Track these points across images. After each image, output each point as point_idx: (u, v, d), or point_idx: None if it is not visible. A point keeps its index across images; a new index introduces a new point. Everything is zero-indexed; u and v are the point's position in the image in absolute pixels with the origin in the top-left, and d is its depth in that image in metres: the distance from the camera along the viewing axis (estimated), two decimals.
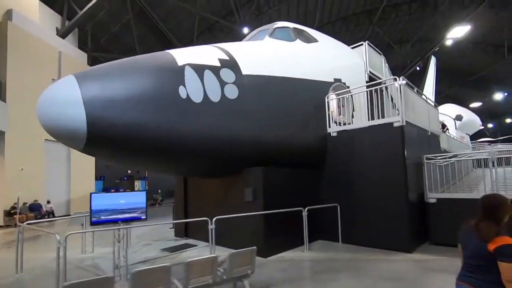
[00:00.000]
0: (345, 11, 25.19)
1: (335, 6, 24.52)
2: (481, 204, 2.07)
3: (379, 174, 6.26)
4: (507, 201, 1.99)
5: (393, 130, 6.04)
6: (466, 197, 6.00)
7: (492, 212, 1.96)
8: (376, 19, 25.63)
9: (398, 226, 6.00)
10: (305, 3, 23.21)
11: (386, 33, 27.92)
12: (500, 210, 1.95)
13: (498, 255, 1.77)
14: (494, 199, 2.03)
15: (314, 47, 7.59)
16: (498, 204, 1.97)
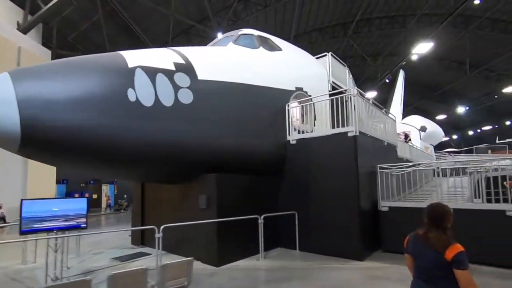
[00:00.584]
0: (320, 22, 25.99)
1: (311, 17, 25.22)
2: (426, 213, 2.12)
3: (334, 182, 6.38)
4: (450, 210, 2.07)
5: (347, 140, 6.20)
6: (415, 206, 6.24)
7: (438, 221, 2.00)
8: (350, 32, 26.65)
9: (350, 234, 6.11)
10: (283, 12, 23.67)
11: (359, 45, 29.10)
12: (445, 218, 2.01)
13: (455, 263, 1.80)
14: (439, 208, 2.08)
15: (277, 55, 7.68)
16: (443, 213, 2.04)
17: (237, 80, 6.35)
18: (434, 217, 2.05)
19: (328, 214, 6.47)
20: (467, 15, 25.14)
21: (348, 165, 6.18)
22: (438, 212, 2.06)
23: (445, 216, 2.02)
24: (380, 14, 25.90)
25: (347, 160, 6.19)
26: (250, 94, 6.49)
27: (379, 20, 26.48)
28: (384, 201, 6.62)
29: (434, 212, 2.08)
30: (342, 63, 9.76)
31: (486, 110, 34.46)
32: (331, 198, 6.42)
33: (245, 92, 6.40)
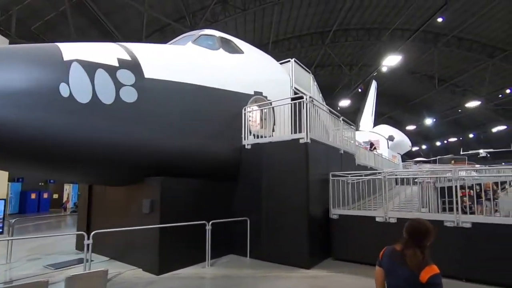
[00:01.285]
0: (299, 30, 26.38)
1: (290, 24, 25.55)
2: (406, 229, 1.99)
3: (285, 189, 6.31)
4: (432, 228, 1.96)
5: (299, 147, 6.16)
6: (364, 215, 6.29)
7: (419, 239, 1.89)
8: (328, 41, 27.26)
9: (299, 241, 6.05)
10: (262, 16, 23.78)
11: (337, 55, 29.85)
12: (427, 237, 1.90)
13: (429, 286, 1.72)
14: (420, 225, 1.96)
15: (238, 58, 7.57)
16: (425, 231, 1.92)
17: (190, 81, 6.14)
18: (414, 234, 1.93)
19: (279, 221, 6.38)
20: (436, 32, 26.62)
21: (299, 171, 6.14)
22: (419, 229, 1.94)
23: (426, 234, 1.92)
24: (356, 25, 26.78)
25: (298, 167, 6.15)
26: (203, 96, 6.30)
27: (355, 32, 27.36)
28: (335, 209, 6.64)
29: (415, 228, 1.95)
30: (307, 70, 9.83)
31: (452, 123, 36.50)
32: (282, 205, 6.34)
33: (198, 94, 6.20)
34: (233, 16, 22.25)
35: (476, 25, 24.42)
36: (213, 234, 6.11)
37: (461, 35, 26.03)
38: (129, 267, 6.09)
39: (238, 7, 21.69)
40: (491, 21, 23.79)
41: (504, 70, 27.57)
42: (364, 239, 6.24)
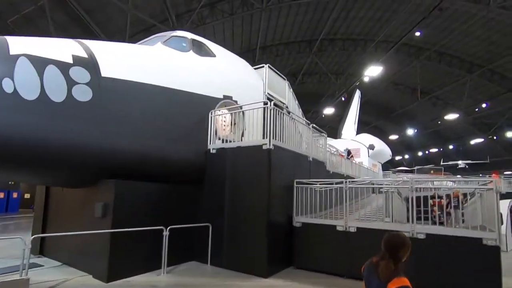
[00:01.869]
0: (287, 37, 26.67)
1: (278, 31, 25.81)
2: (384, 241, 2.04)
3: (247, 195, 6.21)
4: (409, 242, 2.00)
5: (262, 153, 6.08)
6: (326, 223, 6.24)
7: (394, 251, 1.94)
8: (315, 49, 27.65)
9: (258, 249, 5.93)
10: (250, 22, 23.92)
11: (324, 63, 30.30)
12: (402, 249, 1.94)
13: None
14: (397, 238, 2.01)
15: (208, 61, 7.48)
16: (401, 243, 1.97)
17: (154, 82, 6.00)
18: (389, 246, 1.98)
19: (240, 228, 6.25)
20: (418, 46, 27.47)
21: (261, 178, 6.06)
22: (395, 242, 1.99)
23: (401, 247, 1.95)
24: (343, 36, 27.33)
25: (260, 173, 6.07)
26: (167, 97, 6.16)
27: (342, 42, 27.89)
28: (298, 217, 6.57)
29: (391, 241, 2.01)
30: (282, 77, 9.84)
31: (433, 134, 37.53)
32: (243, 211, 6.23)
33: (161, 95, 6.06)
34: (221, 20, 22.30)
35: (455, 41, 25.34)
36: (175, 240, 5.93)
37: (442, 50, 26.93)
38: (80, 273, 5.81)
39: (226, 11, 21.76)
40: (469, 38, 24.74)
41: (482, 85, 28.64)
42: (325, 248, 6.20)
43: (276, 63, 31.89)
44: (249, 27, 24.28)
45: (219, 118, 7.55)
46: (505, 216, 9.55)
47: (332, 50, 28.35)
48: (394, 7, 22.99)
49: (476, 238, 4.79)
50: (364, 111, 39.24)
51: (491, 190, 5.20)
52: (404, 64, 29.38)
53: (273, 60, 30.39)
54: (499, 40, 24.10)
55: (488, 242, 4.66)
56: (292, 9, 23.45)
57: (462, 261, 4.92)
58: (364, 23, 25.40)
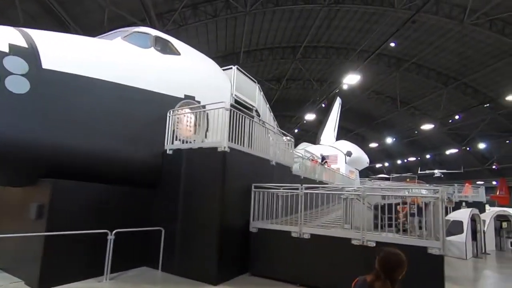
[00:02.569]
0: (271, 42, 26.78)
1: (263, 35, 25.90)
2: (379, 259, 1.92)
3: (201, 199, 6.00)
4: (404, 260, 1.90)
5: (217, 155, 5.89)
6: (281, 229, 6.09)
7: (391, 271, 1.84)
8: (299, 56, 27.91)
9: (209, 255, 5.70)
10: (234, 25, 23.86)
11: (308, 70, 30.62)
12: (399, 269, 1.85)
13: None
14: (394, 257, 1.90)
15: (171, 59, 7.26)
16: (399, 263, 1.87)
17: (106, 78, 5.72)
18: (385, 265, 1.88)
19: (192, 233, 6.01)
20: (398, 57, 28.29)
21: (215, 181, 5.86)
22: (393, 261, 1.89)
23: (397, 267, 1.87)
24: (326, 44, 27.76)
25: (215, 176, 5.88)
26: (120, 94, 5.89)
27: (325, 49, 28.32)
28: (255, 222, 6.39)
29: (386, 260, 1.90)
30: (252, 79, 9.74)
31: (412, 143, 38.62)
32: (196, 215, 6.01)
33: (113, 92, 5.79)
34: (204, 21, 22.11)
35: (433, 55, 26.28)
36: (124, 245, 5.64)
37: (420, 63, 27.86)
38: (14, 279, 5.37)
39: (209, 13, 21.60)
40: (445, 53, 25.71)
41: (457, 98, 29.78)
42: (280, 254, 6.05)
43: (261, 67, 32.00)
44: (233, 30, 24.22)
45: (184, 119, 7.32)
46: (465, 225, 9.78)
47: (315, 57, 28.72)
48: (375, 18, 23.60)
49: (421, 247, 4.77)
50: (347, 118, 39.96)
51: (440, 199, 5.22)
52: (385, 74, 30.18)
53: (257, 64, 30.47)
54: (472, 56, 25.20)
55: (432, 251, 4.64)
56: (276, 15, 23.60)
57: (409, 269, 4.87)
58: (347, 33, 25.90)
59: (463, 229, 9.69)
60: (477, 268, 8.92)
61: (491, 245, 11.59)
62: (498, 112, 28.47)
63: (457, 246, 9.61)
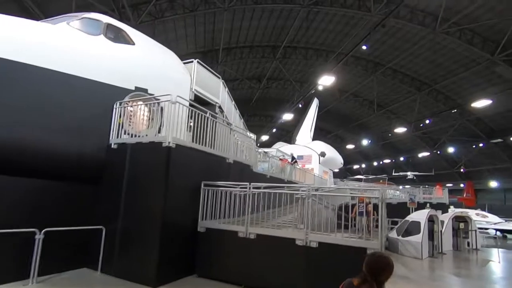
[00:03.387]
0: (251, 40, 26.58)
1: (242, 33, 25.68)
2: (366, 262, 1.95)
3: (144, 196, 5.68)
4: (391, 263, 1.92)
5: (161, 150, 5.60)
6: (229, 229, 5.90)
7: (377, 274, 1.87)
8: (279, 56, 27.90)
9: (149, 256, 5.41)
10: (213, 21, 23.44)
11: (288, 70, 30.70)
12: (385, 272, 1.88)
13: None
14: (382, 260, 1.93)
15: (123, 48, 6.87)
16: (385, 266, 1.89)
17: (40, 64, 5.27)
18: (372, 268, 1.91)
19: (134, 232, 5.71)
20: (375, 62, 28.97)
21: (158, 177, 5.57)
22: (379, 264, 1.92)
23: (384, 269, 1.90)
24: (306, 45, 27.93)
25: (158, 172, 5.59)
26: (58, 83, 5.46)
27: (305, 50, 28.49)
28: (203, 221, 6.16)
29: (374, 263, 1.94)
30: (216, 75, 9.47)
31: (388, 146, 39.79)
32: (139, 214, 5.70)
33: (49, 80, 5.36)
34: (181, 15, 21.55)
35: (407, 61, 27.11)
36: (60, 245, 5.25)
37: (395, 68, 28.66)
38: None
39: (187, 7, 21.07)
40: (419, 59, 26.60)
41: (430, 103, 30.92)
42: (227, 255, 5.86)
43: (241, 65, 31.75)
44: (212, 26, 23.78)
45: (138, 112, 6.94)
46: (422, 225, 10.04)
47: (295, 57, 28.84)
48: (353, 22, 23.98)
49: (361, 248, 4.73)
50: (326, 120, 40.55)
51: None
52: (363, 78, 30.85)
53: (237, 62, 30.19)
54: (443, 63, 26.23)
55: (370, 251, 4.60)
56: (256, 13, 23.42)
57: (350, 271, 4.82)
58: (326, 35, 26.18)
59: (420, 230, 9.94)
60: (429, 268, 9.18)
61: (449, 245, 12.02)
62: (466, 118, 29.84)
63: (414, 246, 9.85)
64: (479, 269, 9.86)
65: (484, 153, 32.21)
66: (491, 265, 10.26)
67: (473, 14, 20.49)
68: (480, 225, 18.18)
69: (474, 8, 19.77)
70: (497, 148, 30.66)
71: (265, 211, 6.81)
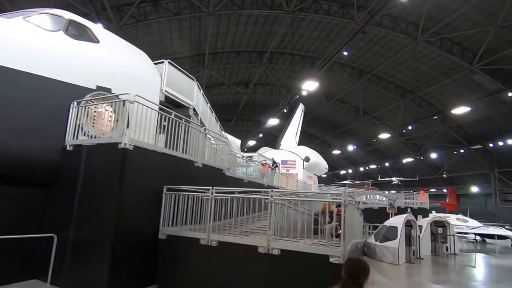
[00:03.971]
0: (237, 46, 26.59)
1: (229, 38, 25.68)
2: (345, 268, 2.05)
3: (98, 201, 5.33)
4: (368, 267, 2.04)
5: (117, 152, 5.28)
6: (191, 236, 5.59)
7: (356, 278, 1.98)
8: (265, 61, 27.98)
9: (101, 265, 5.02)
10: (199, 26, 23.33)
11: (275, 76, 30.83)
12: (363, 275, 1.99)
13: None
14: (359, 264, 2.05)
15: (85, 46, 6.55)
16: (363, 269, 2.02)
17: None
18: (350, 272, 2.02)
19: (87, 240, 5.32)
20: (360, 69, 29.44)
21: (113, 182, 5.24)
22: (357, 268, 2.04)
23: (361, 273, 2.01)
24: (292, 51, 28.14)
25: (113, 176, 5.26)
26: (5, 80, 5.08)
27: (291, 56, 28.71)
28: (164, 228, 5.83)
29: (351, 267, 2.05)
30: (190, 77, 9.23)
31: (373, 151, 40.30)
32: (92, 220, 5.31)
33: None
34: (166, 18, 21.33)
35: (391, 68, 27.66)
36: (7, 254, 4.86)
37: (380, 75, 29.20)
38: None
39: (171, 10, 20.89)
40: (402, 67, 27.17)
41: (413, 110, 31.53)
42: (189, 263, 5.54)
43: (228, 70, 31.67)
44: (197, 30, 23.65)
45: (105, 113, 6.61)
46: (399, 231, 9.97)
47: (282, 63, 29.02)
48: (338, 29, 24.34)
49: (324, 255, 4.52)
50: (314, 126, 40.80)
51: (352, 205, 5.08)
52: (348, 84, 31.28)
53: (224, 67, 30.10)
54: (425, 71, 26.88)
55: (333, 259, 4.41)
56: (242, 19, 23.47)
57: (313, 278, 4.60)
58: (311, 42, 26.47)
59: (397, 235, 9.85)
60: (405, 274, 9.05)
61: (427, 250, 11.99)
62: (448, 125, 30.55)
63: (391, 251, 9.73)
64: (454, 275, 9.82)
65: (465, 159, 32.98)
66: (466, 270, 10.25)
67: (452, 24, 21.13)
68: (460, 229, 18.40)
69: (453, 18, 20.40)
70: (478, 154, 31.47)
71: (238, 218, 6.54)
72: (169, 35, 23.66)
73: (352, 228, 5.84)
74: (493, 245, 18.48)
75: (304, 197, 6.94)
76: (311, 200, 6.60)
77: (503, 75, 23.23)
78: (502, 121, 27.58)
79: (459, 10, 19.66)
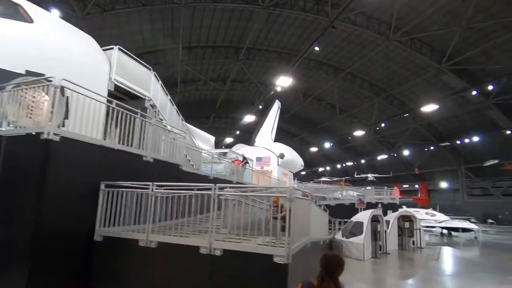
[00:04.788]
0: (213, 41, 25.91)
1: (204, 33, 24.96)
2: (322, 263, 2.18)
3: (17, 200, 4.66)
4: (343, 261, 2.22)
5: (39, 144, 4.63)
6: (129, 237, 5.06)
7: (332, 271, 2.13)
8: (242, 57, 27.46)
9: (19, 273, 4.38)
10: (171, 18, 22.37)
11: (252, 72, 30.41)
12: (339, 269, 2.15)
13: None
14: (334, 259, 2.21)
15: (13, 25, 5.78)
16: (338, 263, 2.17)
17: None
18: (328, 266, 2.15)
19: (5, 243, 4.60)
20: (335, 66, 29.70)
21: (35, 178, 4.59)
22: (333, 262, 2.17)
23: (337, 266, 2.15)
24: (268, 47, 27.83)
25: (35, 171, 4.62)
26: None
27: (268, 53, 28.38)
28: (101, 229, 5.25)
29: (327, 262, 2.17)
30: (147, 66, 8.59)
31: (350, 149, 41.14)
32: (11, 222, 4.62)
33: None
34: (135, 8, 20.23)
35: (365, 67, 28.13)
36: None
37: (355, 73, 29.64)
38: None
39: (140, 0, 19.86)
40: (376, 66, 27.68)
41: (387, 108, 32.36)
42: (128, 267, 5.01)
43: (204, 66, 30.85)
44: (169, 23, 22.68)
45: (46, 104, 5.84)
46: (365, 226, 9.93)
47: (259, 59, 28.64)
48: (313, 27, 24.29)
49: (267, 255, 4.17)
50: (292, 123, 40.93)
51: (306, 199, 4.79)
52: (324, 82, 31.52)
53: (200, 62, 29.27)
54: (397, 70, 27.60)
55: (276, 259, 4.07)
56: (217, 13, 22.80)
57: (257, 279, 4.26)
58: (287, 39, 26.29)
59: (363, 230, 9.81)
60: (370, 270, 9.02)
61: (394, 245, 12.13)
62: (419, 123, 31.64)
63: (356, 247, 9.67)
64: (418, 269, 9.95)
65: (435, 156, 34.41)
66: (430, 264, 10.43)
67: (422, 25, 21.72)
68: (428, 223, 19.00)
69: (423, 19, 20.96)
70: (446, 151, 32.91)
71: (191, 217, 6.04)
72: (139, 27, 22.56)
73: (304, 224, 5.56)
74: (458, 238, 19.29)
75: (251, 192, 6.56)
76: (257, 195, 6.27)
77: (468, 75, 24.30)
78: (468, 120, 28.97)
79: (428, 11, 20.21)
